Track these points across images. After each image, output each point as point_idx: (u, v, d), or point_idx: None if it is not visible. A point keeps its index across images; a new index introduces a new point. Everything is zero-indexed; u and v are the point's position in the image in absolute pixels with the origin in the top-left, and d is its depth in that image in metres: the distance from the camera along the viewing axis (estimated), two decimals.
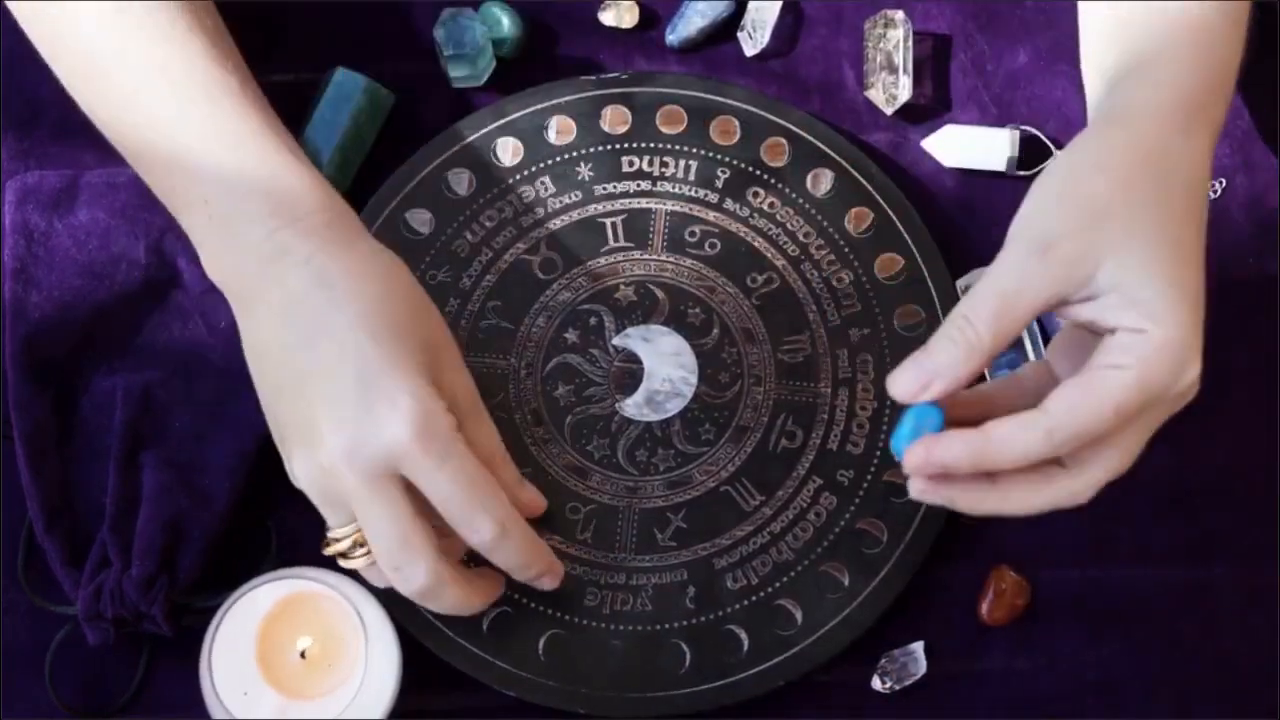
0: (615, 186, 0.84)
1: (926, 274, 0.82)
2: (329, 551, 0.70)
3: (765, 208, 0.84)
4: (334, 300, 0.68)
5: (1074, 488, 0.67)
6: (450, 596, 0.70)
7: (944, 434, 0.65)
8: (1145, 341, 0.64)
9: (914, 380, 0.65)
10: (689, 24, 0.87)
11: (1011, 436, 0.64)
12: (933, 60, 0.88)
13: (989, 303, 0.64)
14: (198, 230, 0.72)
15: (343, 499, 0.68)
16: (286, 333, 0.69)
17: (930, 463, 0.65)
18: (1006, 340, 0.65)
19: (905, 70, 0.86)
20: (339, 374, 0.67)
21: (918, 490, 0.67)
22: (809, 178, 0.84)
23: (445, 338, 0.72)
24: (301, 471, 0.69)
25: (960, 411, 0.67)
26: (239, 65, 0.73)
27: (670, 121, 0.85)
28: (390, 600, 0.75)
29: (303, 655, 0.71)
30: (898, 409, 0.80)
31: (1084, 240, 0.65)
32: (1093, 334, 0.67)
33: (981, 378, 0.68)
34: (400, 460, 0.67)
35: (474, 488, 0.68)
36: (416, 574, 0.68)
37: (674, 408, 0.80)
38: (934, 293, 0.82)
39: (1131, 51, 0.71)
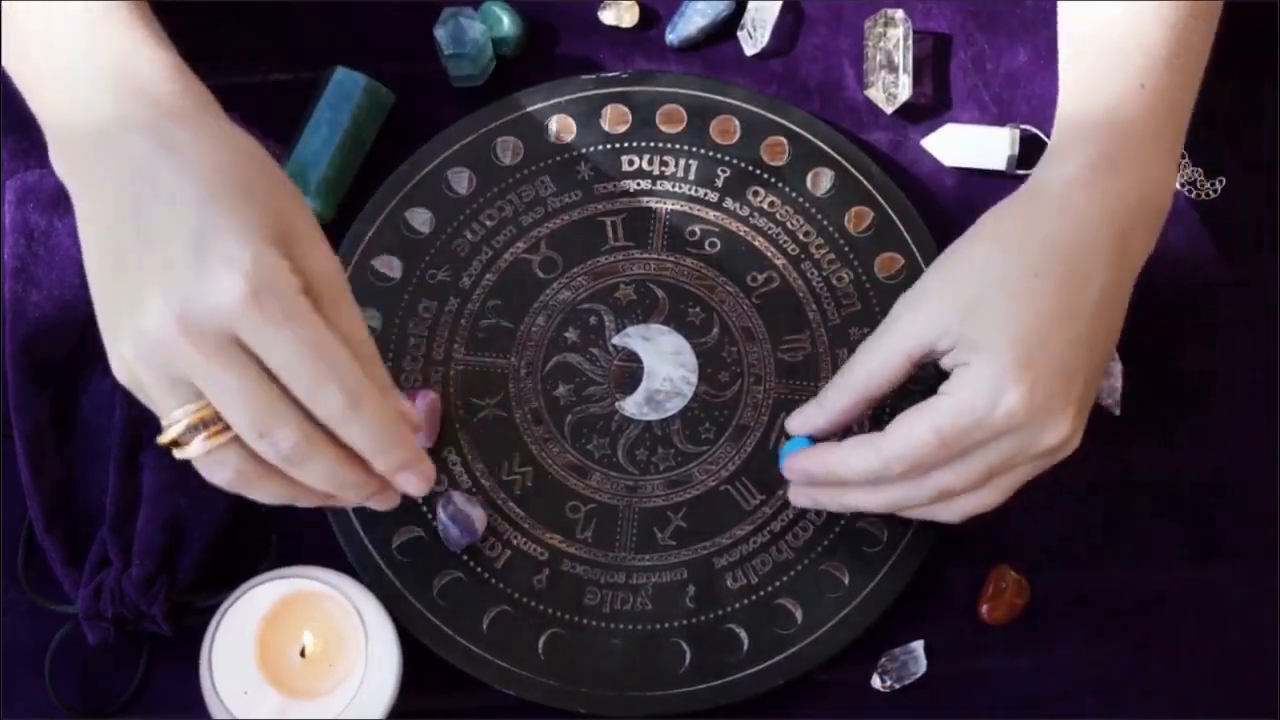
0: (615, 185, 0.84)
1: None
2: (163, 439, 0.63)
3: (765, 207, 0.84)
4: (175, 163, 0.62)
5: (913, 491, 0.72)
6: (326, 458, 0.63)
7: (806, 450, 0.75)
8: (965, 372, 0.70)
9: (806, 421, 0.76)
10: (689, 23, 0.87)
11: (849, 455, 0.72)
12: (933, 59, 0.88)
13: (879, 364, 0.73)
14: (46, 114, 0.67)
15: (180, 373, 0.61)
16: (120, 202, 0.63)
17: (794, 471, 0.75)
18: (886, 389, 0.74)
19: (905, 69, 0.86)
20: (173, 236, 0.61)
21: (794, 496, 0.77)
22: (809, 177, 0.84)
23: (303, 215, 0.65)
24: (129, 346, 0.62)
25: None
26: None
27: (670, 121, 0.85)
28: (390, 600, 0.75)
29: (303, 654, 0.71)
30: (899, 404, 0.80)
31: (945, 301, 0.72)
32: None
33: None
34: (237, 322, 0.60)
35: (320, 352, 0.61)
36: (285, 433, 0.62)
37: (674, 407, 0.80)
38: None
39: (1062, 104, 0.77)
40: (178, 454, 0.63)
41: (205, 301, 0.60)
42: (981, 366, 0.69)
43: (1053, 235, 0.71)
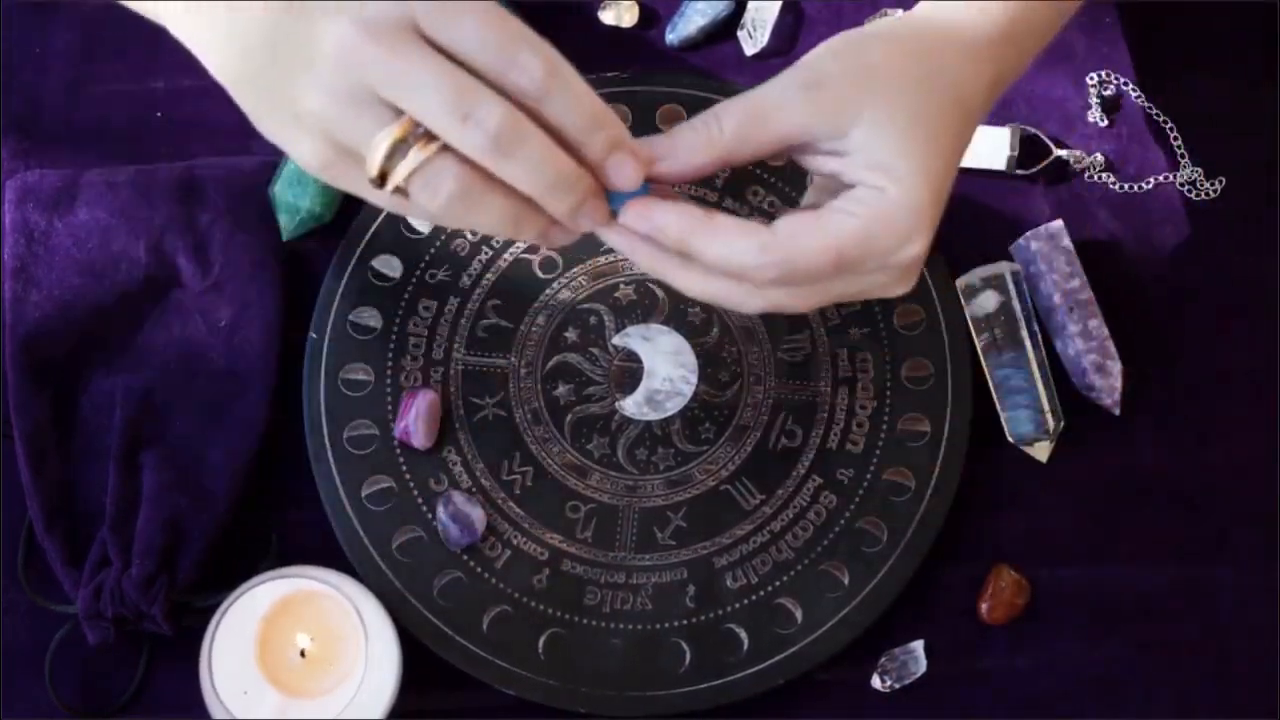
0: None
1: (926, 273, 0.82)
2: (372, 172, 0.59)
3: (765, 207, 0.84)
4: None
5: (745, 297, 0.65)
6: (536, 140, 0.58)
7: (666, 202, 0.63)
8: (880, 198, 0.63)
9: (640, 168, 0.62)
10: (689, 23, 0.87)
11: (728, 236, 0.63)
12: None
13: (742, 106, 0.64)
14: None
15: (370, 89, 0.57)
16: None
17: (645, 219, 0.63)
18: (747, 149, 0.64)
19: None
20: None
21: (610, 235, 0.64)
22: (809, 177, 0.84)
23: None
24: (312, 89, 0.58)
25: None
26: None
27: (670, 120, 0.85)
28: (390, 600, 0.75)
29: (302, 654, 0.71)
30: (899, 405, 0.80)
31: (850, 90, 0.64)
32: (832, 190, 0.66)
33: None
34: (415, 12, 0.57)
35: (508, 24, 0.58)
36: (491, 109, 0.57)
37: (674, 407, 0.80)
38: (934, 292, 0.82)
39: None
40: (390, 184, 0.59)
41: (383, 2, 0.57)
42: (896, 199, 0.63)
43: (962, 90, 0.66)
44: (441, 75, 0.57)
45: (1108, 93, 0.87)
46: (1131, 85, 0.87)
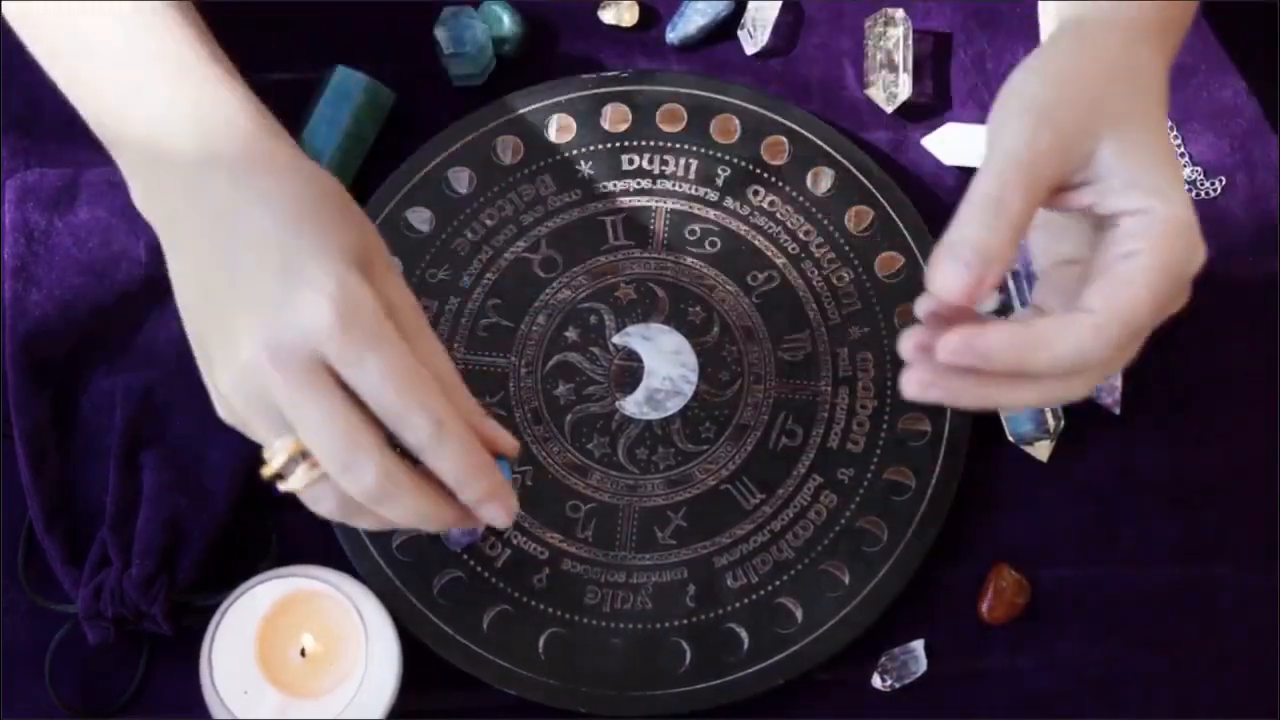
0: (615, 185, 0.84)
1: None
2: (267, 473, 0.62)
3: (765, 206, 0.84)
4: (259, 200, 0.62)
5: (1079, 387, 0.62)
6: (408, 498, 0.62)
7: (988, 327, 0.59)
8: (1154, 221, 0.61)
9: (966, 274, 0.59)
10: (689, 22, 0.87)
11: (1059, 336, 0.59)
12: (933, 58, 0.88)
13: (1019, 178, 0.60)
14: (126, 156, 0.67)
15: (272, 403, 0.60)
16: (207, 240, 0.63)
17: (970, 349, 0.59)
18: (1030, 220, 0.61)
19: (905, 68, 0.86)
20: (261, 268, 0.61)
21: (919, 384, 0.61)
22: (809, 176, 0.84)
23: (380, 248, 0.64)
24: (225, 382, 0.62)
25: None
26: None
27: (670, 120, 0.85)
28: (390, 599, 0.75)
29: (303, 654, 0.71)
30: (899, 404, 0.80)
31: (1083, 112, 0.62)
32: (1078, 266, 0.64)
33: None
34: (325, 347, 0.59)
35: (407, 377, 0.60)
36: (366, 470, 0.60)
37: (674, 406, 0.80)
38: None
39: None
40: (281, 486, 0.62)
41: (292, 327, 0.59)
42: (1168, 215, 0.60)
43: (1162, 84, 0.65)
44: (332, 421, 0.59)
45: None
46: None
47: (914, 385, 0.61)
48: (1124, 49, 0.65)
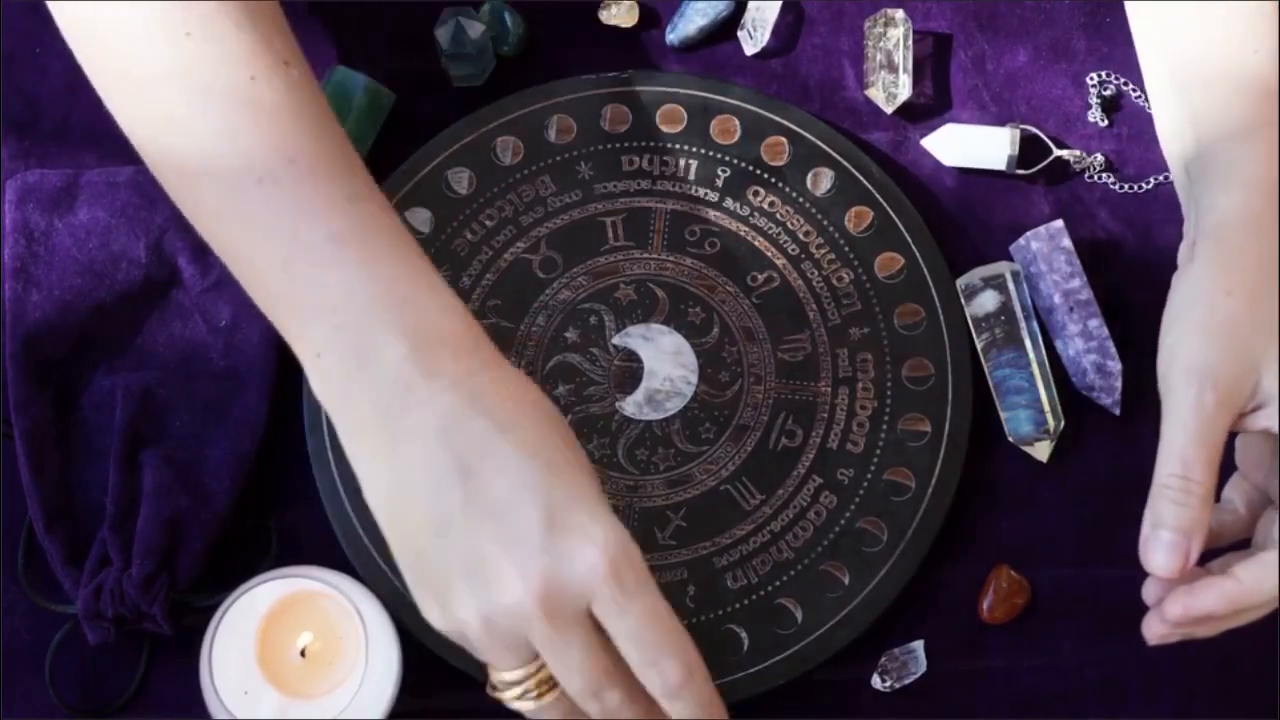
0: (615, 185, 0.84)
1: (926, 273, 0.82)
2: (498, 695, 0.65)
3: (765, 206, 0.84)
4: (497, 426, 0.62)
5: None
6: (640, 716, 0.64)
7: (1195, 587, 0.67)
8: None
9: (1175, 555, 0.67)
10: (689, 23, 0.87)
11: (1260, 579, 0.67)
12: (933, 59, 0.88)
13: (1196, 452, 0.66)
14: (316, 344, 0.64)
15: (525, 641, 0.62)
16: (441, 464, 0.62)
17: (1191, 615, 0.67)
18: (1216, 477, 0.67)
19: (905, 69, 0.86)
20: (517, 508, 0.61)
21: (1158, 636, 0.69)
22: (809, 176, 0.84)
23: (590, 464, 0.66)
24: (473, 616, 0.62)
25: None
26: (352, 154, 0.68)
27: (670, 120, 0.85)
28: (391, 600, 0.75)
29: (303, 654, 0.71)
30: (899, 404, 0.80)
31: (1239, 363, 0.67)
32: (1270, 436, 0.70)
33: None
34: (595, 595, 0.61)
35: (663, 624, 0.62)
36: (613, 697, 0.63)
37: (674, 407, 0.80)
38: (934, 292, 0.82)
39: (1205, 143, 0.73)
40: (500, 699, 0.65)
41: (567, 578, 0.61)
42: None
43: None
44: (590, 661, 0.62)
45: (1108, 93, 0.87)
46: (1131, 85, 0.87)
47: (1154, 639, 0.69)
48: (1259, 250, 0.69)
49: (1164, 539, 0.67)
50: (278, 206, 0.64)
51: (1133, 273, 0.84)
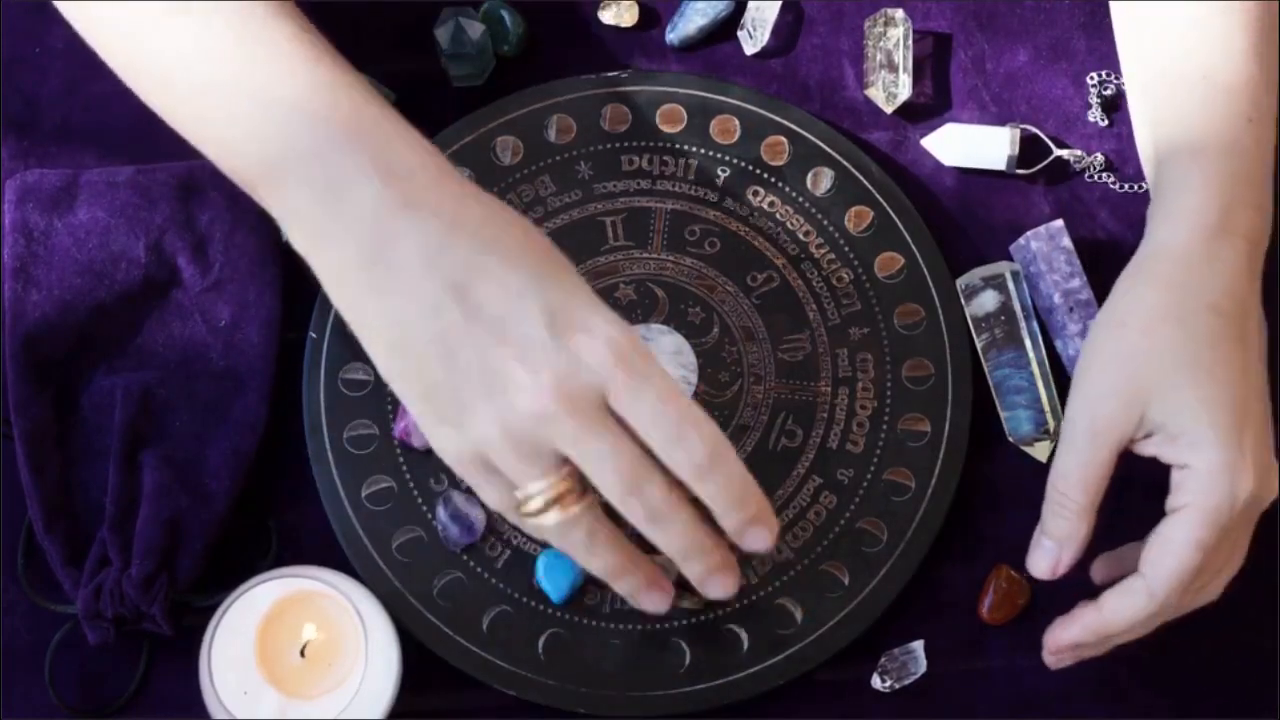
0: (615, 185, 0.84)
1: (926, 273, 0.82)
2: (526, 516, 0.65)
3: (765, 206, 0.84)
4: (481, 245, 0.63)
5: (1205, 597, 0.73)
6: (686, 514, 0.64)
7: (1064, 619, 0.72)
8: (1193, 476, 0.69)
9: (1047, 559, 0.72)
10: (689, 23, 0.87)
11: (1120, 606, 0.70)
12: (933, 59, 0.88)
13: (1076, 473, 0.71)
14: (293, 200, 0.65)
15: (547, 445, 0.62)
16: (434, 289, 0.63)
17: (1063, 646, 0.72)
18: (1100, 493, 0.71)
19: (905, 69, 0.86)
20: (518, 315, 0.62)
21: (1054, 663, 0.74)
22: (809, 176, 0.84)
23: (575, 268, 0.67)
24: (495, 429, 0.62)
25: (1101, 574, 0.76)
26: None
27: (670, 120, 0.85)
28: (390, 600, 0.75)
29: (302, 654, 0.71)
30: (899, 404, 0.80)
31: (1124, 394, 0.70)
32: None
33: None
34: (608, 385, 0.62)
35: (681, 403, 0.63)
36: (655, 488, 0.63)
37: None
38: (934, 291, 0.82)
39: (1164, 158, 0.75)
40: (531, 522, 0.65)
41: (580, 371, 0.62)
42: (1206, 463, 0.68)
43: (1214, 300, 0.70)
44: (620, 451, 0.62)
45: (1108, 93, 0.87)
46: None
47: (1051, 664, 0.74)
48: (1178, 292, 0.71)
49: (1043, 544, 0.72)
50: (245, 67, 0.66)
51: None
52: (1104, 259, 0.84)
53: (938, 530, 0.78)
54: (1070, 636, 0.72)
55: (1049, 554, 0.72)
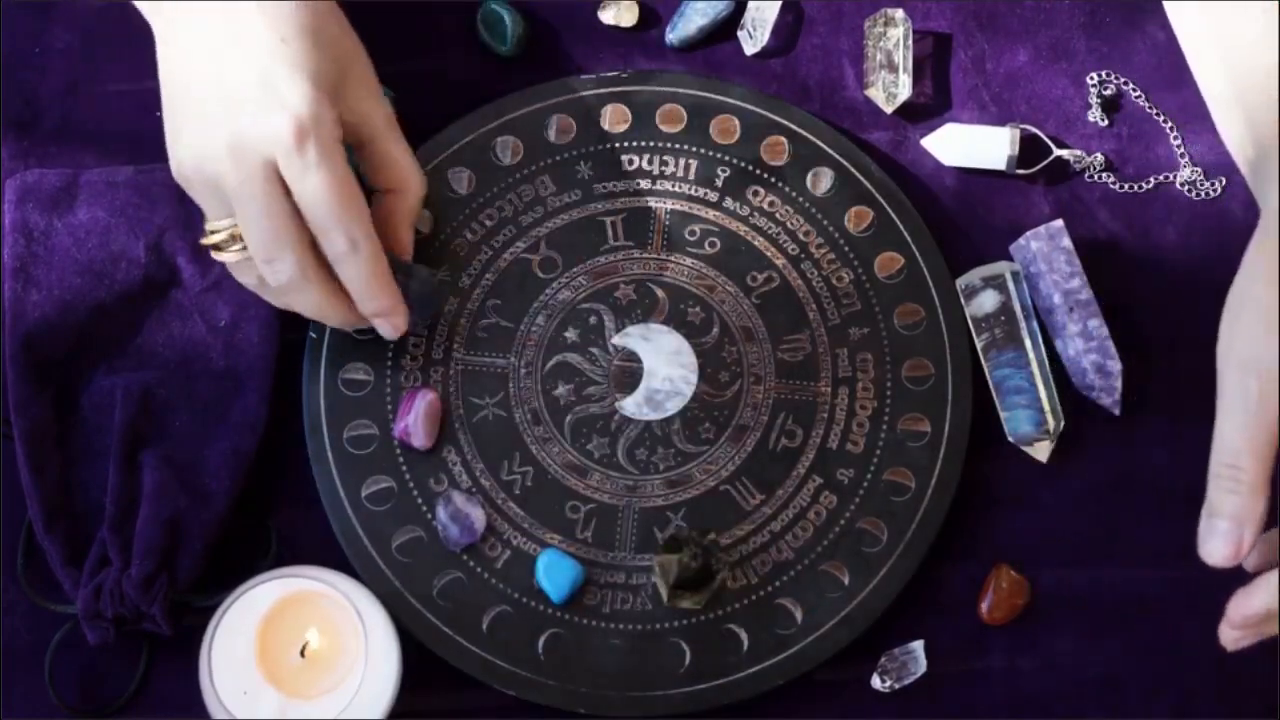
0: (615, 185, 0.84)
1: (926, 273, 0.82)
2: (206, 242, 0.74)
3: (765, 206, 0.84)
4: (259, 12, 0.71)
5: None
6: (314, 294, 0.73)
7: (1249, 587, 0.68)
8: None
9: (1228, 543, 0.68)
10: (689, 23, 0.87)
11: None
12: (933, 59, 0.88)
13: (1244, 442, 0.67)
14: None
15: (222, 190, 0.71)
16: (199, 37, 0.72)
17: (1245, 616, 0.69)
18: (1272, 459, 0.67)
19: (905, 69, 0.86)
20: (242, 69, 0.70)
21: (1232, 641, 0.70)
22: (809, 176, 0.84)
23: (361, 61, 0.76)
24: (187, 159, 0.71)
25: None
26: None
27: (670, 120, 0.85)
28: (390, 600, 0.75)
29: (302, 654, 0.71)
30: (899, 404, 0.80)
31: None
32: None
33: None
34: (279, 157, 0.69)
35: (340, 199, 0.71)
36: (285, 267, 0.71)
37: (674, 407, 0.80)
38: (934, 291, 0.82)
39: (1264, 146, 0.75)
40: (215, 256, 0.74)
41: (256, 135, 0.69)
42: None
43: None
44: (266, 218, 0.71)
45: (1108, 93, 0.87)
46: (1132, 85, 0.87)
47: (1229, 644, 0.70)
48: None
49: (1218, 527, 0.68)
50: None
51: (1133, 273, 0.84)
52: (1104, 259, 0.84)
53: (938, 530, 0.78)
54: (1257, 604, 0.68)
55: (1228, 536, 0.68)
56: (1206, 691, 0.78)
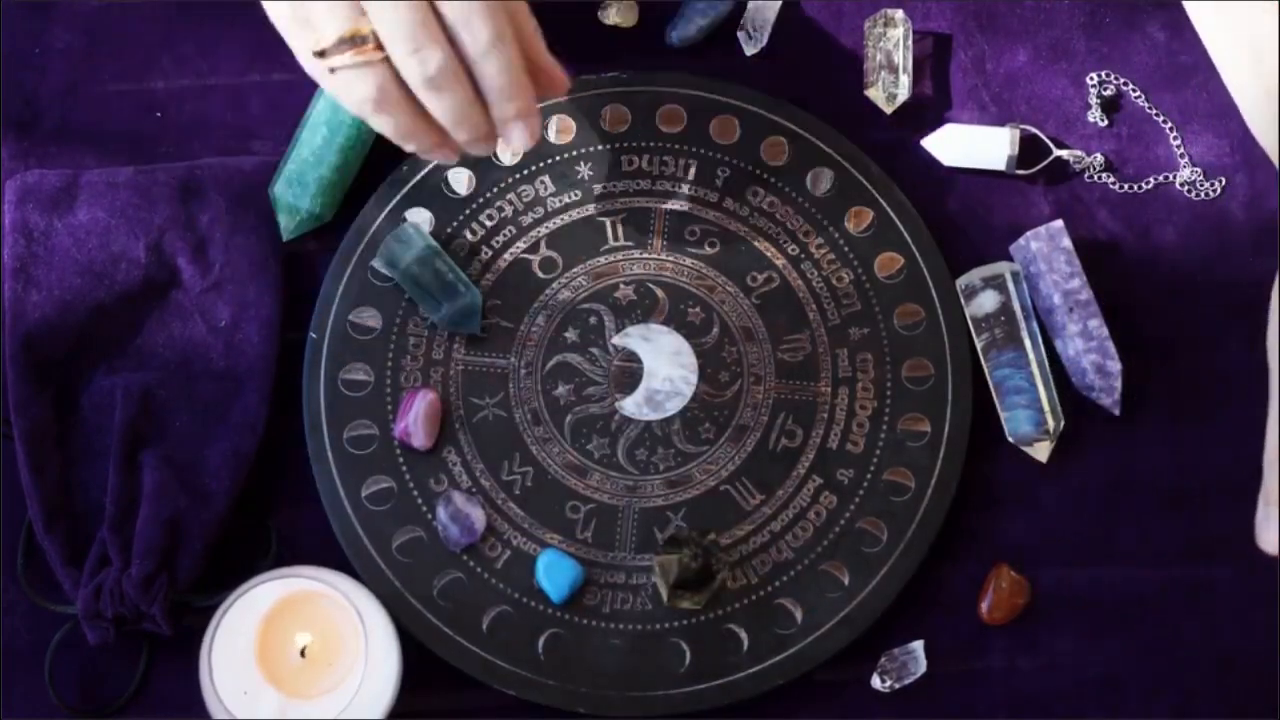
0: (615, 185, 0.84)
1: (926, 273, 0.82)
2: (319, 46, 0.67)
3: (765, 207, 0.84)
4: None
5: None
6: (461, 89, 0.68)
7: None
8: None
9: None
10: (689, 23, 0.87)
11: None
12: (932, 59, 0.88)
13: None
14: None
15: None
16: None
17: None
18: None
19: (905, 69, 0.86)
20: None
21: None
22: (809, 177, 0.84)
23: None
24: None
25: None
26: None
27: (670, 120, 0.85)
28: (390, 600, 0.75)
29: (302, 654, 0.71)
30: (899, 405, 0.80)
31: None
32: None
33: None
34: None
35: None
36: (434, 53, 0.66)
37: (674, 407, 0.80)
38: (934, 292, 0.82)
39: None
40: (322, 63, 0.67)
41: None
42: None
43: None
44: (412, 7, 0.65)
45: (1108, 93, 0.87)
46: (1131, 85, 0.87)
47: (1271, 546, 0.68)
48: None
49: (1275, 516, 0.67)
50: None
51: (1133, 273, 0.84)
52: (1104, 259, 0.84)
53: (938, 530, 0.78)
54: None
55: None
56: (1206, 691, 0.78)
